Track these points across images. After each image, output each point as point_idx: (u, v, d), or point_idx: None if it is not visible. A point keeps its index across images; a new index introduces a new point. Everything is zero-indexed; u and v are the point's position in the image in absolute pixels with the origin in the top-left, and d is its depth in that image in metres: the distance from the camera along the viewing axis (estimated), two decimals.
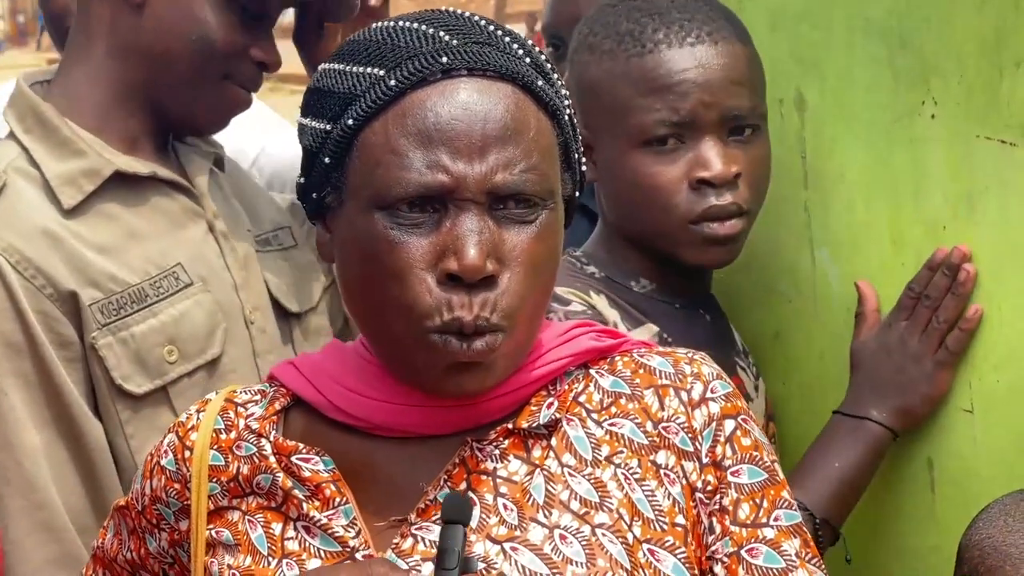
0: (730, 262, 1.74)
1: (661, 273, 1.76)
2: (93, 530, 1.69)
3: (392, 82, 1.26)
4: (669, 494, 1.28)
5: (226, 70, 1.83)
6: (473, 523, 1.25)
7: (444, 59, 1.25)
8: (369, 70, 1.27)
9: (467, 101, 1.25)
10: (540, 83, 1.28)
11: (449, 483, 1.28)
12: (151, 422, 1.78)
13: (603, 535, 1.26)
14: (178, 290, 1.81)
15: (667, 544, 1.27)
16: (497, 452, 1.29)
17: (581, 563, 1.24)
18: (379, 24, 1.32)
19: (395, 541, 1.27)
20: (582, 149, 1.36)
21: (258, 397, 1.38)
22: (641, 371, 1.33)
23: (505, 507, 1.27)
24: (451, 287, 1.23)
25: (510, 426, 1.29)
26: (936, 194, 1.68)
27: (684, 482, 1.29)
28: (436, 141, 1.24)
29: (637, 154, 1.70)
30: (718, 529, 1.29)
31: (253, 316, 1.85)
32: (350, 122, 1.27)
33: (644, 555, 1.26)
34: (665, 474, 1.29)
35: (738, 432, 1.31)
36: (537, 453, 1.29)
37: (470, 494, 1.24)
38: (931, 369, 1.68)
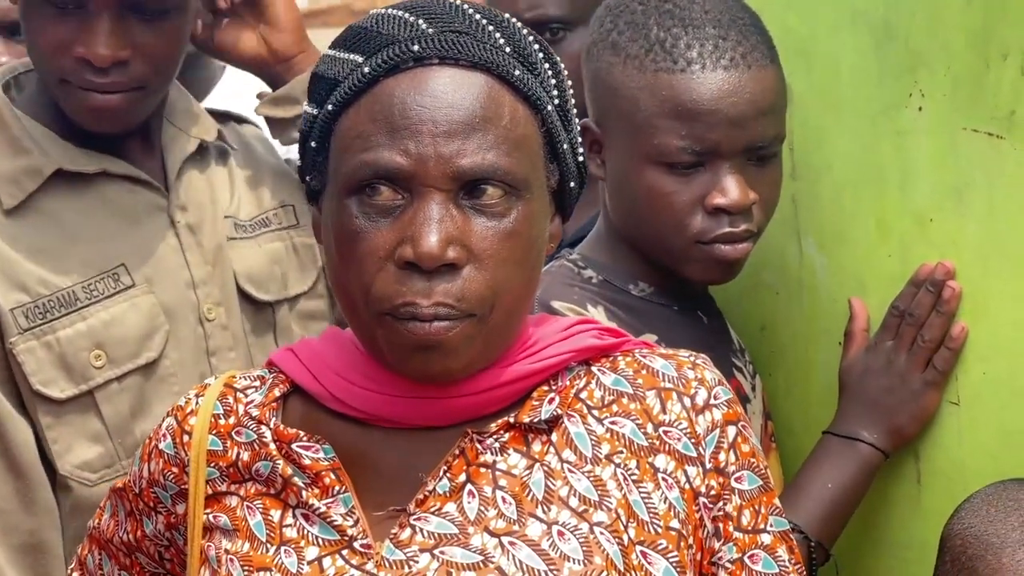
0: (731, 280, 1.72)
1: (660, 276, 1.73)
2: (23, 529, 1.69)
3: (366, 69, 1.27)
4: (665, 498, 1.28)
5: (60, 73, 1.76)
6: (472, 515, 1.26)
7: (416, 47, 1.26)
8: (351, 56, 1.29)
9: (436, 89, 1.25)
10: (518, 73, 1.28)
11: (449, 474, 1.27)
12: (75, 427, 1.77)
13: (601, 534, 1.26)
14: (115, 292, 1.79)
15: (660, 547, 1.27)
16: (497, 445, 1.29)
17: (578, 560, 1.24)
18: (376, 10, 1.33)
19: (393, 531, 1.27)
20: (579, 140, 1.34)
21: (257, 383, 1.38)
22: (644, 372, 1.33)
23: (504, 500, 1.27)
24: (409, 274, 1.23)
25: (511, 420, 1.29)
26: (923, 186, 1.67)
27: (687, 487, 1.29)
28: (400, 127, 1.24)
29: (653, 170, 1.66)
30: (722, 535, 1.30)
31: (212, 313, 1.83)
32: (330, 108, 1.28)
33: (637, 557, 1.26)
34: (663, 478, 1.29)
35: (739, 438, 1.32)
36: (537, 448, 1.29)
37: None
38: (919, 388, 1.67)
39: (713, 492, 1.30)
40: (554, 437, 1.30)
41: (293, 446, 1.31)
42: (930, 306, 1.66)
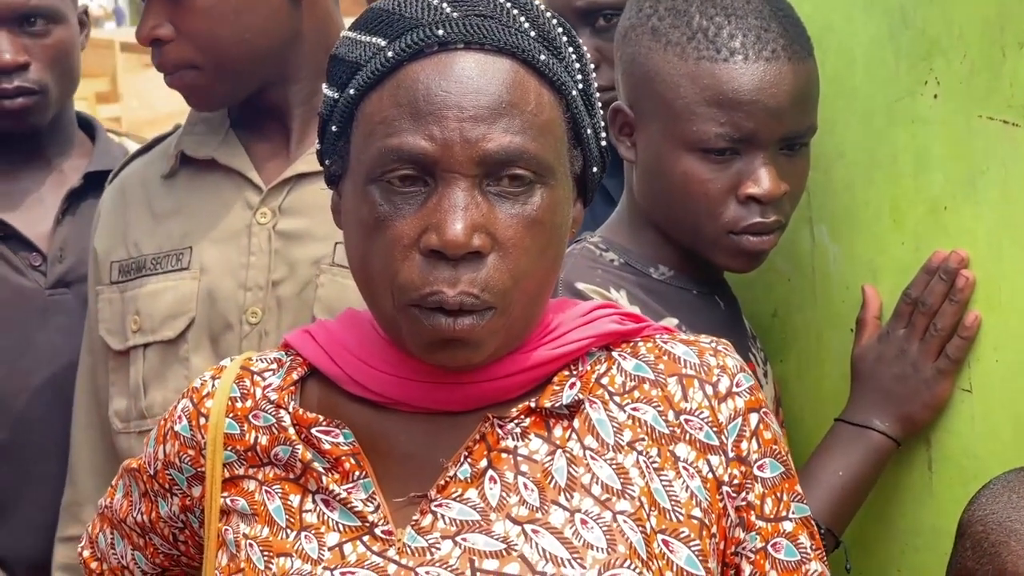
0: (754, 269, 1.74)
1: (680, 260, 1.74)
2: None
3: (390, 54, 1.25)
4: (687, 486, 1.28)
5: None
6: (494, 501, 1.25)
7: (441, 32, 1.24)
8: (374, 40, 1.27)
9: (461, 75, 1.24)
10: (543, 57, 1.27)
11: (470, 459, 1.27)
12: (121, 377, 1.93)
13: (624, 522, 1.25)
14: (171, 271, 1.89)
15: (682, 535, 1.26)
16: (518, 430, 1.28)
17: (602, 548, 1.23)
18: None
19: (415, 518, 1.26)
20: (602, 125, 1.34)
21: (275, 366, 1.37)
22: (665, 358, 1.32)
23: (526, 487, 1.26)
24: (434, 262, 1.22)
25: (532, 404, 1.28)
26: (937, 174, 1.67)
27: (710, 476, 1.29)
28: (425, 112, 1.23)
29: (688, 157, 1.67)
30: (745, 524, 1.30)
31: (255, 317, 1.85)
32: (352, 92, 1.27)
33: (659, 546, 1.25)
34: (684, 468, 1.29)
35: (761, 426, 1.32)
36: (558, 433, 1.29)
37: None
38: (931, 377, 1.68)
39: (736, 481, 1.29)
40: (576, 423, 1.29)
41: (313, 431, 1.30)
42: (943, 294, 1.66)
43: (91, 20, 2.44)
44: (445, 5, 1.27)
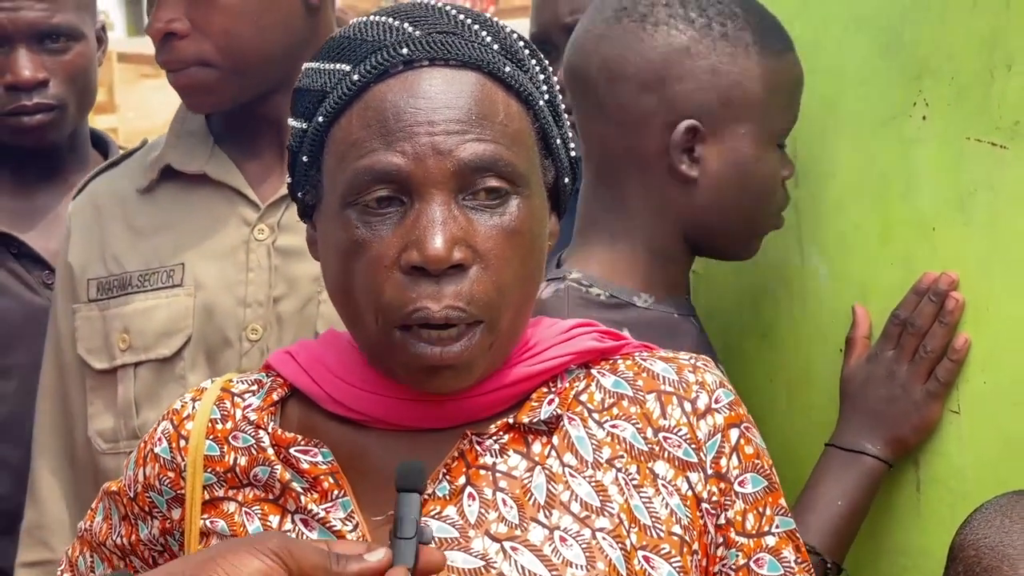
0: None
1: (660, 284, 1.73)
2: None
3: (356, 77, 1.26)
4: (666, 503, 1.28)
5: None
6: (472, 518, 1.25)
7: (405, 50, 1.25)
8: (338, 66, 1.28)
9: (428, 91, 1.24)
10: (508, 69, 1.27)
11: (448, 477, 1.27)
12: (104, 397, 1.90)
13: (603, 539, 1.25)
14: (162, 287, 1.86)
15: (663, 552, 1.26)
16: (497, 447, 1.28)
17: (581, 566, 1.24)
18: (356, 19, 1.32)
19: None
20: (570, 135, 1.34)
21: (255, 387, 1.37)
22: (644, 375, 1.33)
23: (504, 503, 1.26)
24: (417, 279, 1.22)
25: (510, 420, 1.29)
26: (926, 195, 1.67)
27: (690, 493, 1.29)
28: (395, 130, 1.23)
29: (772, 153, 1.74)
30: (727, 542, 1.29)
31: (255, 334, 1.84)
32: (320, 119, 1.27)
33: (639, 562, 1.25)
34: (663, 485, 1.29)
35: (742, 441, 1.32)
36: (537, 449, 1.29)
37: (422, 463, 1.21)
38: (921, 399, 1.67)
39: (715, 499, 1.29)
40: (555, 440, 1.29)
41: (291, 450, 1.30)
42: (932, 316, 1.66)
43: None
44: (407, 25, 1.28)
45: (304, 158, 1.30)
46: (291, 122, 1.32)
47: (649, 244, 1.73)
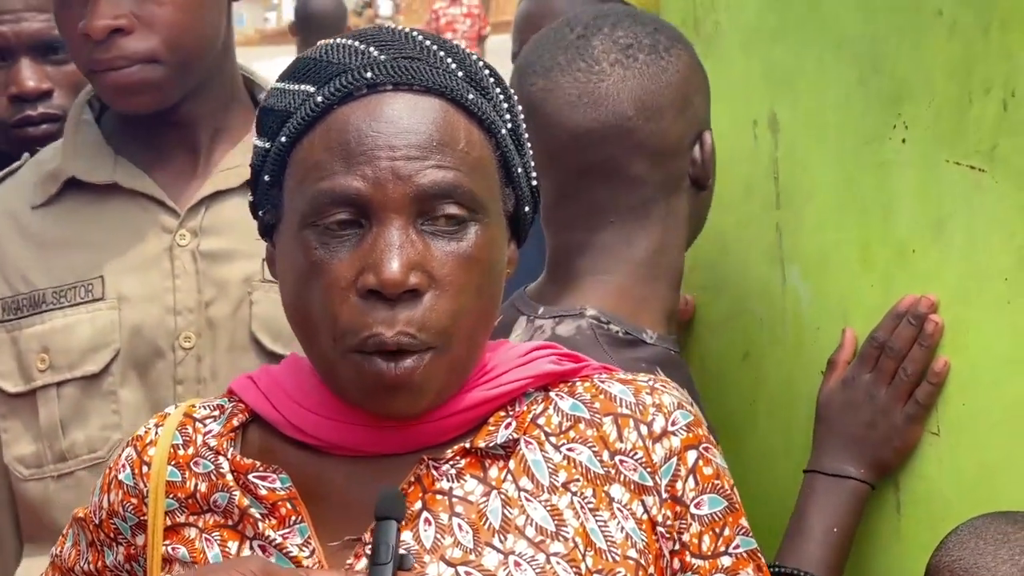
0: None
1: (660, 320, 1.71)
2: None
3: (319, 98, 1.27)
4: (622, 527, 1.28)
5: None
6: (428, 543, 1.26)
7: (369, 74, 1.26)
8: (303, 87, 1.29)
9: (391, 115, 1.25)
10: (471, 96, 1.28)
11: (404, 502, 1.27)
12: (22, 422, 1.83)
13: (557, 563, 1.25)
14: (81, 303, 1.81)
15: (618, 575, 1.26)
16: (453, 471, 1.29)
17: None
18: (323, 41, 1.33)
19: (348, 561, 1.27)
20: (532, 164, 1.35)
21: (216, 413, 1.38)
22: (601, 397, 1.32)
23: (460, 528, 1.26)
24: (373, 303, 1.23)
25: (467, 445, 1.29)
26: (904, 217, 1.68)
27: (645, 517, 1.28)
28: (356, 154, 1.24)
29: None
30: (682, 566, 1.29)
31: (188, 342, 1.81)
32: (283, 139, 1.28)
33: None
34: (619, 508, 1.28)
35: (700, 462, 1.31)
36: (494, 474, 1.29)
37: (399, 490, 1.22)
38: (901, 422, 1.67)
39: (670, 522, 1.29)
40: (511, 464, 1.29)
41: (250, 476, 1.31)
42: (911, 339, 1.66)
43: None
44: (372, 49, 1.28)
45: (266, 177, 1.30)
46: (255, 141, 1.33)
47: (668, 271, 1.72)
